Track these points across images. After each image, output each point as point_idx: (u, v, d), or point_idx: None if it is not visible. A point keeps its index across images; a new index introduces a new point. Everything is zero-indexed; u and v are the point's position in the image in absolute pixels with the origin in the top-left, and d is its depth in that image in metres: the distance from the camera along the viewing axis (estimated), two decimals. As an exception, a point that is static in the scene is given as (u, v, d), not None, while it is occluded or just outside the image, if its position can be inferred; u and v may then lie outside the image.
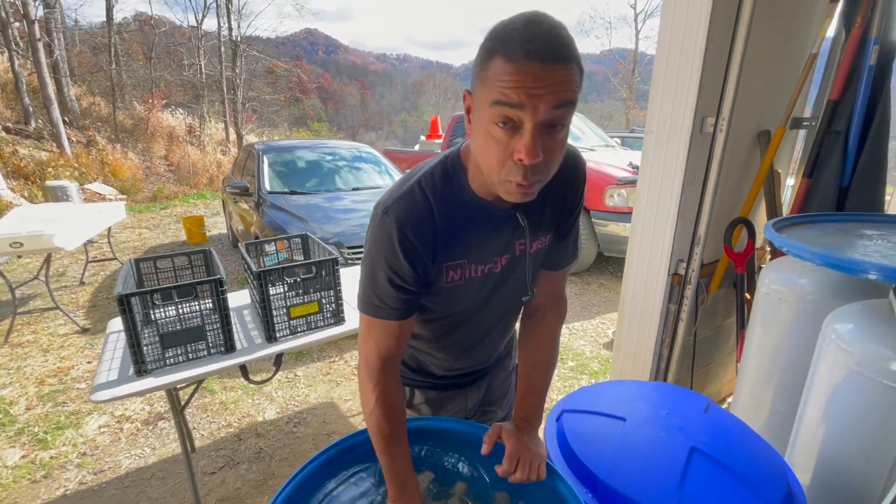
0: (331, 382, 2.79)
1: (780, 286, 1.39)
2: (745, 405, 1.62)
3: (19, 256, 4.96)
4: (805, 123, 1.99)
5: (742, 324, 1.87)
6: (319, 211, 3.64)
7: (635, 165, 4.14)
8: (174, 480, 2.03)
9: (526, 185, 0.66)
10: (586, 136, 5.32)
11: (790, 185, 2.43)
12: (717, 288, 1.94)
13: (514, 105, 0.60)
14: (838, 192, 1.75)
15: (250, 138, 14.52)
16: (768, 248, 2.21)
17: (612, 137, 5.89)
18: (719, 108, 1.63)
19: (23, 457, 2.18)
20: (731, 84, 1.59)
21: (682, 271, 1.81)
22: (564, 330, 3.40)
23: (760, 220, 2.12)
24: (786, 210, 2.08)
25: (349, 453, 0.91)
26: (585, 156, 4.51)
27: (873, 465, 1.06)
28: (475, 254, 0.82)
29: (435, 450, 0.95)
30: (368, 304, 0.80)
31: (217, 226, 7.06)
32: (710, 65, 1.56)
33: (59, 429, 2.37)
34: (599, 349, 3.15)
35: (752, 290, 2.00)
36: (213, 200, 9.51)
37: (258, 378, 2.61)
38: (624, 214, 3.87)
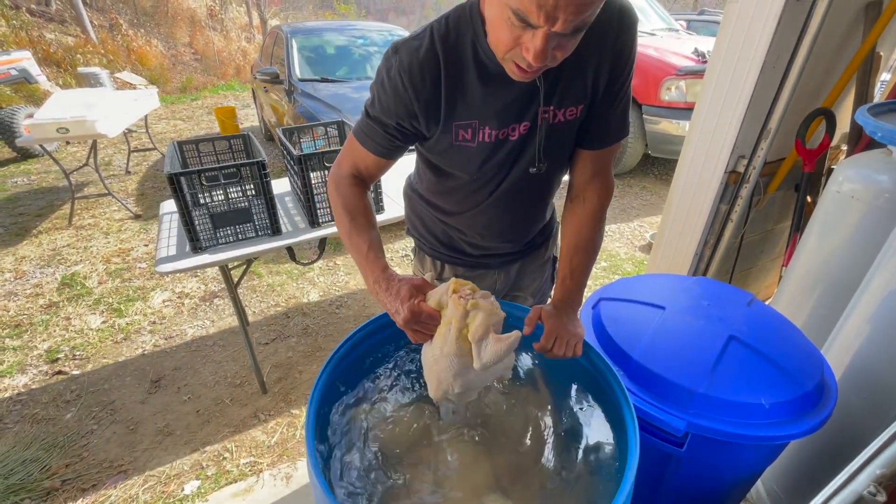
0: (368, 272, 2.94)
1: (856, 184, 1.27)
2: (786, 308, 1.60)
3: (67, 143, 5.13)
4: (929, -8, 1.64)
5: (797, 227, 1.78)
6: (349, 101, 3.49)
7: (701, 53, 3.67)
8: (233, 348, 2.28)
9: (528, 73, 0.65)
10: (647, 18, 4.67)
11: (883, 82, 2.12)
12: (776, 189, 1.81)
13: (531, 25, 0.57)
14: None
15: (274, 23, 13.59)
16: (843, 148, 2.00)
17: (677, 20, 5.16)
18: (826, -31, 1.35)
19: (103, 322, 2.48)
20: (847, -65, 1.29)
21: (741, 169, 1.68)
22: (599, 232, 3.35)
23: (842, 114, 1.89)
24: (875, 102, 1.83)
25: (389, 328, 0.95)
26: (644, 41, 4.00)
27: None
28: (487, 115, 0.78)
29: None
30: (358, 128, 0.85)
31: (249, 118, 6.97)
32: None
33: (129, 301, 2.65)
34: (635, 251, 3.12)
35: (815, 193, 1.86)
36: (242, 92, 9.28)
37: (302, 262, 2.77)
38: (680, 111, 3.53)
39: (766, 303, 2.27)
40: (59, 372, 2.13)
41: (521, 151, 0.83)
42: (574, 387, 0.94)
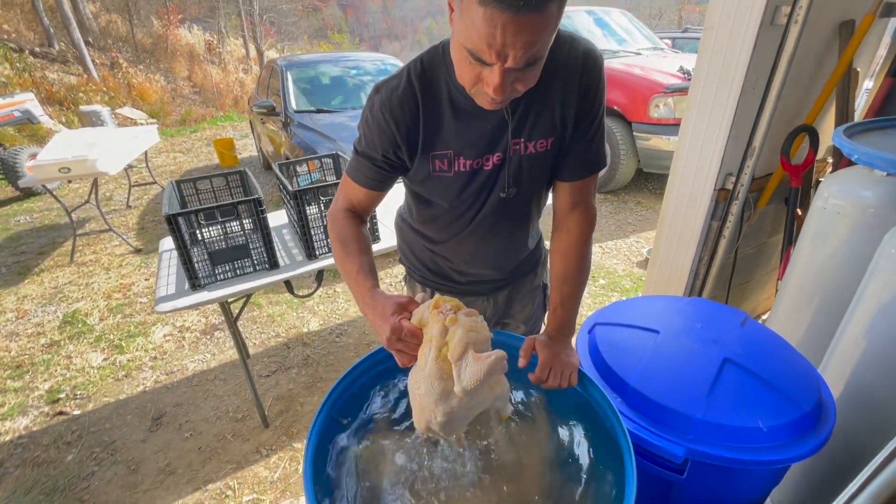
0: (368, 298, 2.94)
1: (841, 199, 1.29)
2: (783, 322, 1.61)
3: (69, 181, 5.21)
4: (899, 10, 1.70)
5: (789, 241, 1.79)
6: (346, 130, 3.57)
7: (686, 70, 3.76)
8: (234, 381, 2.27)
9: (496, 103, 0.69)
10: (633, 38, 4.79)
11: (867, 90, 2.17)
12: (765, 204, 1.83)
13: (484, 63, 0.62)
14: (926, 93, 1.54)
15: (270, 54, 13.95)
16: (829, 160, 2.03)
17: (661, 38, 5.29)
18: (797, -6, 1.40)
19: (104, 359, 2.48)
20: (815, -38, 1.35)
21: (729, 186, 1.70)
22: (597, 248, 3.38)
23: (825, 128, 1.92)
24: (858, 118, 1.87)
25: (390, 360, 0.97)
26: (630, 61, 4.10)
27: (911, 382, 1.05)
28: (461, 146, 0.83)
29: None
30: (350, 164, 0.91)
31: (247, 148, 7.09)
32: (793, -63, 1.32)
33: (130, 337, 2.65)
34: (632, 268, 3.13)
35: (804, 206, 1.88)
36: (240, 122, 9.45)
37: (301, 293, 2.78)
38: (669, 127, 3.60)
39: (764, 317, 2.27)
40: (61, 413, 2.12)
41: (496, 180, 0.88)
42: (571, 417, 0.94)
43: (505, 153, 0.84)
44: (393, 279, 3.12)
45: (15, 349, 2.58)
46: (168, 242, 1.89)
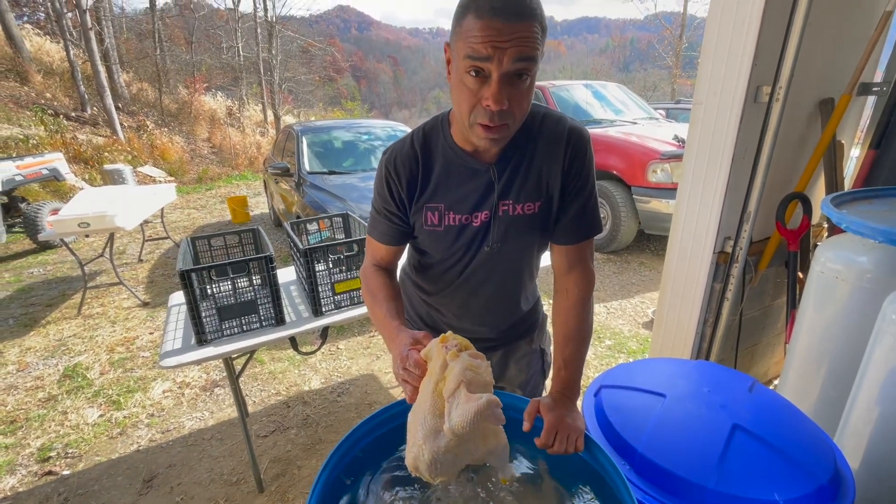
0: (371, 356, 2.91)
1: (837, 265, 1.32)
2: (794, 387, 1.57)
3: (87, 235, 5.37)
4: (875, 89, 1.83)
5: (793, 304, 1.80)
6: (356, 191, 3.72)
7: (681, 139, 3.95)
8: (231, 441, 2.20)
9: (493, 129, 0.76)
10: (628, 109, 5.09)
11: (855, 157, 2.27)
12: (766, 267, 1.86)
13: (482, 58, 0.70)
14: (909, 164, 1.62)
15: (287, 119, 14.83)
16: (825, 225, 2.08)
17: (656, 109, 5.62)
18: (776, 75, 1.53)
19: (100, 416, 2.42)
20: (791, 48, 1.48)
21: (728, 249, 1.74)
22: (602, 308, 3.37)
23: (818, 194, 2.00)
24: (848, 184, 1.94)
25: (394, 420, 0.96)
26: (627, 129, 4.34)
27: (931, 451, 1.01)
28: (452, 200, 0.92)
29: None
30: (369, 224, 1.01)
31: (259, 206, 7.33)
32: (769, 27, 1.46)
33: (129, 392, 2.61)
34: (638, 328, 3.10)
35: (805, 269, 1.91)
36: (254, 181, 9.84)
37: (304, 349, 2.75)
38: (667, 190, 3.73)
39: (775, 382, 2.22)
40: (49, 472, 2.04)
41: (484, 236, 0.95)
42: (578, 484, 0.91)
43: (492, 212, 0.92)
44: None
45: (11, 403, 2.53)
46: (178, 297, 1.92)
